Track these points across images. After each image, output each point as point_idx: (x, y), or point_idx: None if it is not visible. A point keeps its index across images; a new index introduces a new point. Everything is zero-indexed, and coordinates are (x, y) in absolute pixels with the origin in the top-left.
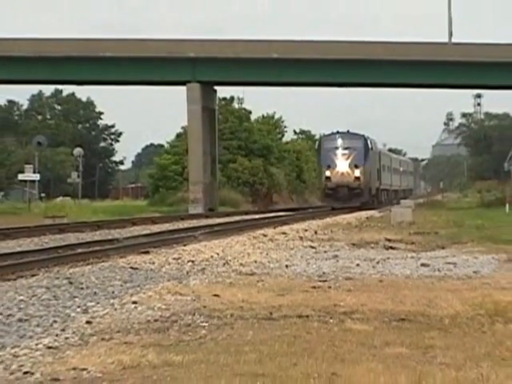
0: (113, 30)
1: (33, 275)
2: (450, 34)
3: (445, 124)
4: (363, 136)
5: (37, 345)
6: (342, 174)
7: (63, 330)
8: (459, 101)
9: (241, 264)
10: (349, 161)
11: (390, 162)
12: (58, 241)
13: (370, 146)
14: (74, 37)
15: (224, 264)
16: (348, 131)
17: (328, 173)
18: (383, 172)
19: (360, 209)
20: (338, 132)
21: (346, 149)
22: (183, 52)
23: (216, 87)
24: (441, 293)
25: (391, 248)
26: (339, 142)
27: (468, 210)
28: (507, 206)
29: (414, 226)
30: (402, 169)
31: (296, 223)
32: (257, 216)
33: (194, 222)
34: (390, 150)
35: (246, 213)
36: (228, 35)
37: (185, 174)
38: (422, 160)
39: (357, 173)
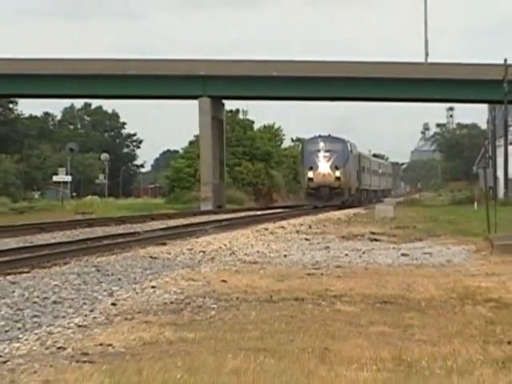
0: (135, 51)
1: (65, 263)
2: (426, 55)
3: (422, 133)
4: (343, 140)
5: (69, 324)
6: (324, 174)
7: (91, 310)
8: (434, 113)
9: (245, 254)
10: (330, 162)
11: (370, 164)
12: (87, 233)
13: (349, 148)
14: (101, 57)
15: (231, 254)
16: (329, 135)
17: (310, 174)
18: (363, 173)
19: (340, 207)
20: (319, 136)
21: (327, 151)
22: (196, 71)
23: (224, 101)
24: (418, 279)
25: (375, 240)
26: (321, 145)
27: (442, 207)
28: (475, 203)
29: (395, 221)
30: (380, 171)
31: (293, 218)
32: (259, 212)
33: (205, 218)
34: (375, 156)
35: (250, 209)
36: (234, 56)
37: (197, 176)
38: (402, 164)
39: (337, 174)
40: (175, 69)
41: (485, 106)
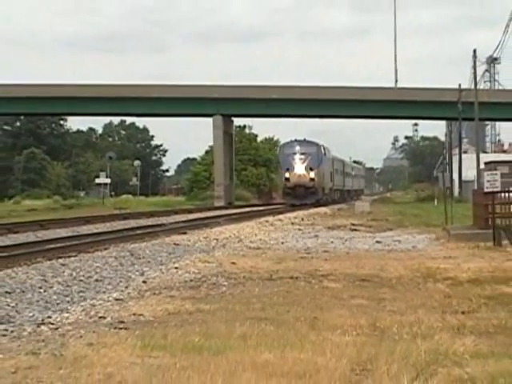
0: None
1: (105, 249)
2: (396, 81)
3: (392, 144)
4: (317, 143)
5: (108, 297)
6: (299, 175)
7: (126, 287)
8: (402, 127)
9: (250, 241)
10: (305, 164)
11: (343, 166)
12: (122, 225)
13: (323, 152)
14: (133, 83)
15: (238, 241)
16: (304, 139)
17: (287, 174)
18: (336, 174)
19: (315, 205)
20: (295, 140)
21: (302, 154)
22: (210, 94)
23: (233, 118)
24: (389, 261)
25: (355, 230)
26: (297, 148)
27: (408, 204)
28: (435, 200)
29: (371, 214)
30: (353, 173)
31: (288, 213)
32: (261, 208)
33: (218, 212)
34: (355, 162)
35: (254, 205)
36: (241, 81)
37: (211, 178)
38: (377, 169)
39: (311, 174)
40: (193, 92)
41: (443, 122)
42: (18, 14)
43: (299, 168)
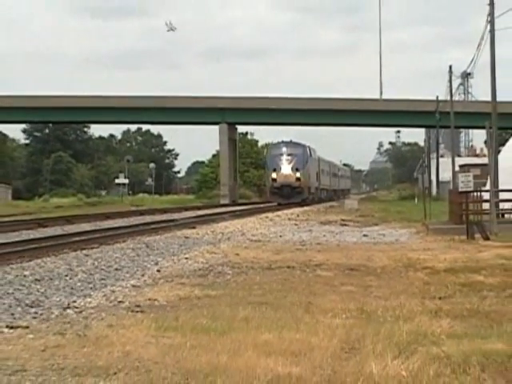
0: (172, 90)
1: (124, 241)
2: (381, 93)
3: (377, 149)
4: (303, 145)
5: (126, 284)
6: (286, 175)
7: (142, 275)
8: (386, 134)
9: (252, 235)
10: (291, 165)
11: (329, 167)
12: (139, 220)
13: (309, 153)
14: (147, 94)
15: (242, 235)
16: (291, 141)
17: (274, 175)
18: (322, 175)
19: (303, 204)
20: (282, 141)
21: (289, 155)
22: (216, 104)
23: (237, 126)
24: (375, 252)
25: (345, 225)
26: (284, 149)
27: (392, 202)
28: (416, 199)
29: (359, 211)
30: (340, 173)
31: (286, 210)
32: (262, 205)
33: (223, 209)
34: (345, 165)
35: (255, 203)
36: (243, 93)
37: (217, 179)
38: (364, 171)
39: (298, 175)
40: (201, 103)
41: (423, 130)
42: (50, 34)
43: (286, 168)
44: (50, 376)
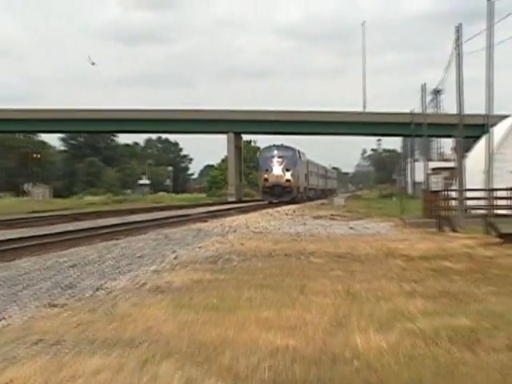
0: (189, 105)
1: (146, 233)
2: (364, 107)
3: (361, 154)
4: (293, 148)
5: (148, 269)
6: (277, 176)
7: (162, 261)
8: (369, 142)
9: (255, 228)
10: (282, 166)
11: (318, 169)
12: (159, 215)
13: (298, 155)
14: (166, 108)
15: (246, 227)
16: (282, 144)
17: (266, 175)
18: (310, 176)
19: (291, 203)
20: (274, 145)
21: (279, 157)
22: (224, 117)
23: (242, 135)
24: (359, 243)
25: (333, 219)
26: (275, 152)
27: (374, 200)
28: (394, 197)
29: (345, 207)
30: (327, 175)
31: (284, 206)
32: (263, 203)
33: (230, 206)
34: (334, 168)
35: (258, 201)
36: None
37: (225, 180)
38: (350, 173)
39: (287, 175)
40: (212, 115)
41: (400, 138)
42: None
43: (277, 169)
44: (83, 347)
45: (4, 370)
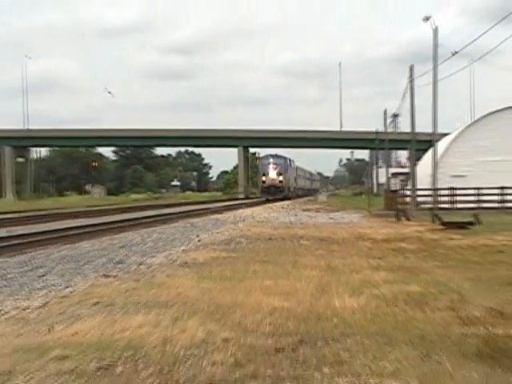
0: (207, 124)
1: (176, 222)
2: (341, 126)
3: (339, 162)
4: (285, 157)
5: (178, 249)
6: (272, 179)
7: (188, 243)
8: (345, 153)
9: (259, 218)
10: (276, 171)
11: (304, 173)
12: (186, 208)
13: (288, 163)
14: (190, 128)
15: (252, 218)
16: (276, 154)
17: (264, 178)
18: (299, 178)
19: (284, 199)
20: (270, 154)
21: (274, 164)
22: (235, 134)
23: (249, 148)
24: (337, 229)
25: (318, 211)
26: (271, 160)
27: (348, 197)
28: (363, 195)
29: (327, 203)
30: (312, 178)
31: (281, 202)
32: (263, 199)
33: (240, 201)
34: (318, 173)
35: (259, 198)
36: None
37: (236, 182)
38: (330, 176)
39: (280, 178)
40: (225, 134)
41: (368, 150)
42: (129, 90)
43: (272, 173)
44: (130, 306)
45: (71, 324)
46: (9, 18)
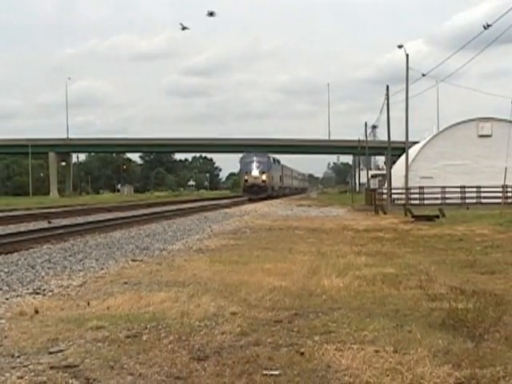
0: (219, 134)
1: (192, 215)
2: (329, 136)
3: (328, 166)
4: (268, 156)
5: (194, 238)
6: (255, 177)
7: (202, 233)
8: (332, 158)
9: (260, 212)
10: (259, 169)
11: (291, 172)
12: (200, 204)
13: (272, 161)
14: (204, 137)
15: (255, 212)
16: (258, 153)
17: (246, 177)
18: (285, 177)
19: (267, 199)
20: (252, 153)
21: (257, 162)
22: (242, 143)
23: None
24: (326, 221)
25: (309, 206)
26: (254, 158)
27: (335, 195)
28: (347, 193)
29: (317, 199)
30: (300, 177)
31: (279, 199)
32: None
33: (245, 198)
34: (310, 175)
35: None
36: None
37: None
38: (320, 177)
39: (263, 177)
40: (234, 142)
41: (351, 156)
42: (155, 106)
43: (255, 172)
44: (154, 285)
45: (105, 300)
46: (55, 45)
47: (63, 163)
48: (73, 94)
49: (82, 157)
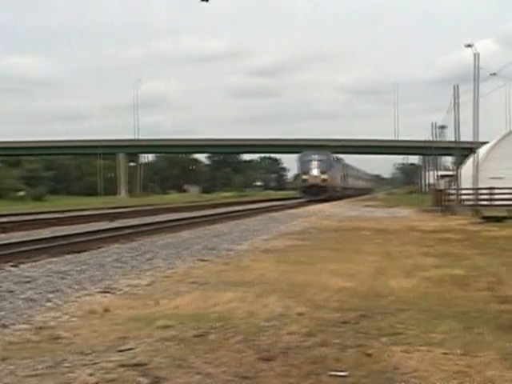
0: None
1: (259, 215)
2: (396, 136)
3: (394, 165)
4: (328, 153)
5: (260, 238)
6: (315, 177)
7: (269, 233)
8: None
9: (327, 212)
10: (319, 169)
11: (356, 172)
12: (266, 204)
13: (333, 159)
14: (271, 137)
15: (321, 212)
16: (319, 151)
17: (305, 176)
18: (348, 177)
19: (328, 201)
20: (312, 151)
21: (317, 161)
22: (307, 143)
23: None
24: (393, 222)
25: (376, 207)
26: (313, 156)
27: (402, 195)
28: (414, 193)
29: (384, 200)
30: (365, 177)
31: (343, 201)
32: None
33: (303, 200)
34: (376, 176)
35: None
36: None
37: None
38: (388, 178)
39: (324, 176)
40: (299, 143)
41: (419, 156)
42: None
43: (314, 171)
44: (221, 285)
45: (173, 299)
46: (126, 47)
47: (132, 163)
48: (142, 96)
49: (151, 157)
